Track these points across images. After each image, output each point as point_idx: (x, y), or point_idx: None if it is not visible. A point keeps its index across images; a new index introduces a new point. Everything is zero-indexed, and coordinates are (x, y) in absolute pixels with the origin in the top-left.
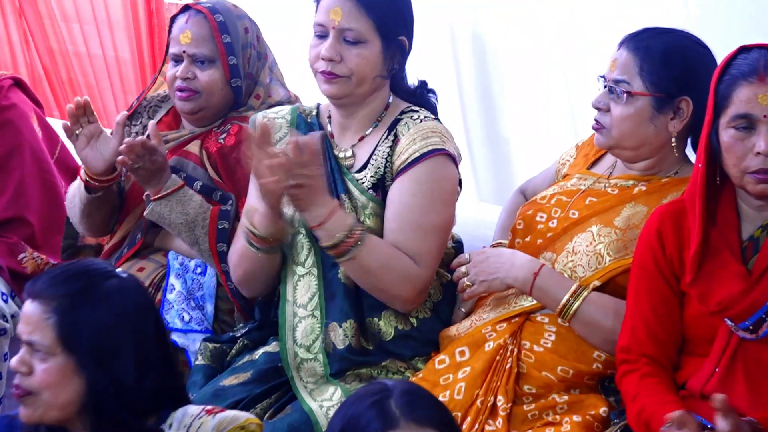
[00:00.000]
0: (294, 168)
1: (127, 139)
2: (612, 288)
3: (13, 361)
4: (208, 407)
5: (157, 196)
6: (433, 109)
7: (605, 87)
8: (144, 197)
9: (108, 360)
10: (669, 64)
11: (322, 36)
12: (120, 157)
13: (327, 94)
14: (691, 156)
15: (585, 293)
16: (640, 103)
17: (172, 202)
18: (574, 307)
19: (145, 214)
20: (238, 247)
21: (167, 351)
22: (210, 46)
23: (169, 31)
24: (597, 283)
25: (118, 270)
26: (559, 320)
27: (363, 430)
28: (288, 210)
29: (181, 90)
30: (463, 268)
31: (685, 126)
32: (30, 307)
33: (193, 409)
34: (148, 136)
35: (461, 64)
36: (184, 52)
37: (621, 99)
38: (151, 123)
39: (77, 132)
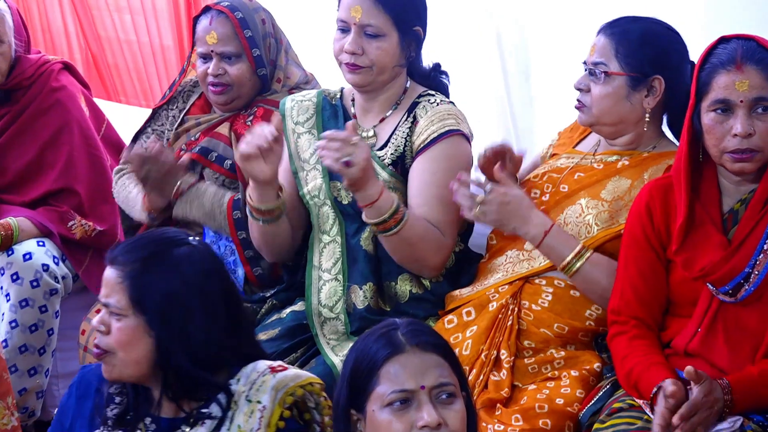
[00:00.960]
0: (347, 148)
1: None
2: (601, 254)
3: (94, 321)
4: (274, 365)
5: (175, 195)
6: (445, 90)
7: (586, 70)
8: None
9: (175, 320)
10: (643, 46)
11: (344, 30)
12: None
13: (351, 83)
14: (668, 134)
15: (587, 254)
16: (616, 83)
17: (190, 197)
18: (577, 265)
19: (173, 214)
20: (249, 218)
21: (236, 311)
22: (235, 43)
23: (193, 32)
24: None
25: (191, 238)
26: (562, 274)
27: (373, 358)
28: (312, 185)
29: (214, 85)
30: (480, 197)
31: (659, 103)
32: (108, 272)
33: (261, 366)
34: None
35: (507, 64)
36: (212, 51)
37: (599, 79)
38: (151, 138)
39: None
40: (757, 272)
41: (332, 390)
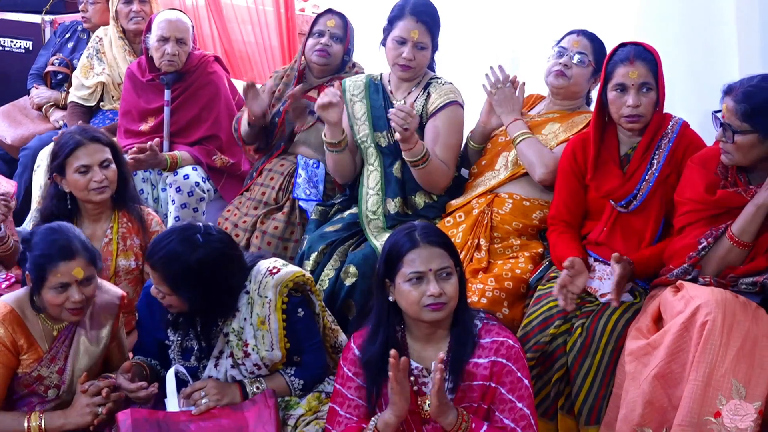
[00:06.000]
0: (409, 119)
1: (289, 92)
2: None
3: (153, 291)
4: (270, 267)
5: (301, 128)
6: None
7: (571, 53)
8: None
9: (196, 293)
10: (602, 51)
11: (401, 43)
12: (287, 104)
13: (401, 78)
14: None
15: (526, 137)
16: (588, 69)
17: (309, 132)
18: (518, 140)
19: (296, 139)
20: (326, 151)
21: (234, 266)
22: (344, 32)
23: (314, 24)
24: None
25: (198, 235)
26: (518, 188)
27: (399, 249)
28: (362, 133)
29: (321, 51)
30: (501, 85)
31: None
32: (152, 272)
33: (262, 269)
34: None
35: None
36: (328, 30)
37: (583, 65)
38: (297, 88)
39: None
40: (641, 193)
41: (375, 265)
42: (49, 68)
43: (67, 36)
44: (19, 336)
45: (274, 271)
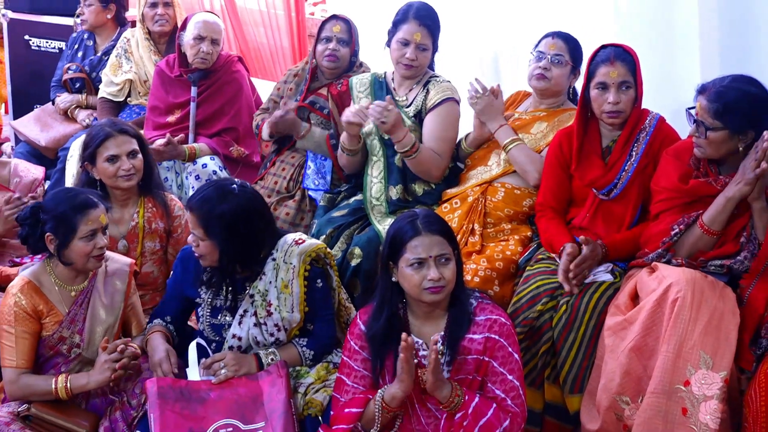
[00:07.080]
0: (384, 112)
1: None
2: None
3: (189, 239)
4: (296, 238)
5: (298, 137)
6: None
7: (549, 55)
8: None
9: (227, 240)
10: (578, 49)
11: (405, 45)
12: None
13: (405, 76)
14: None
15: (517, 143)
16: (566, 68)
17: (306, 138)
18: (509, 147)
19: (297, 146)
20: (339, 152)
21: (264, 223)
22: (348, 36)
23: (321, 30)
24: None
25: (234, 186)
26: (509, 177)
27: (402, 236)
28: (368, 128)
29: (330, 56)
30: (480, 95)
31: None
32: (189, 215)
33: (289, 239)
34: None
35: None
36: (335, 36)
37: (562, 65)
38: (290, 105)
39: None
40: (621, 183)
41: (378, 247)
42: (66, 76)
43: (76, 47)
44: (38, 302)
45: (300, 241)
